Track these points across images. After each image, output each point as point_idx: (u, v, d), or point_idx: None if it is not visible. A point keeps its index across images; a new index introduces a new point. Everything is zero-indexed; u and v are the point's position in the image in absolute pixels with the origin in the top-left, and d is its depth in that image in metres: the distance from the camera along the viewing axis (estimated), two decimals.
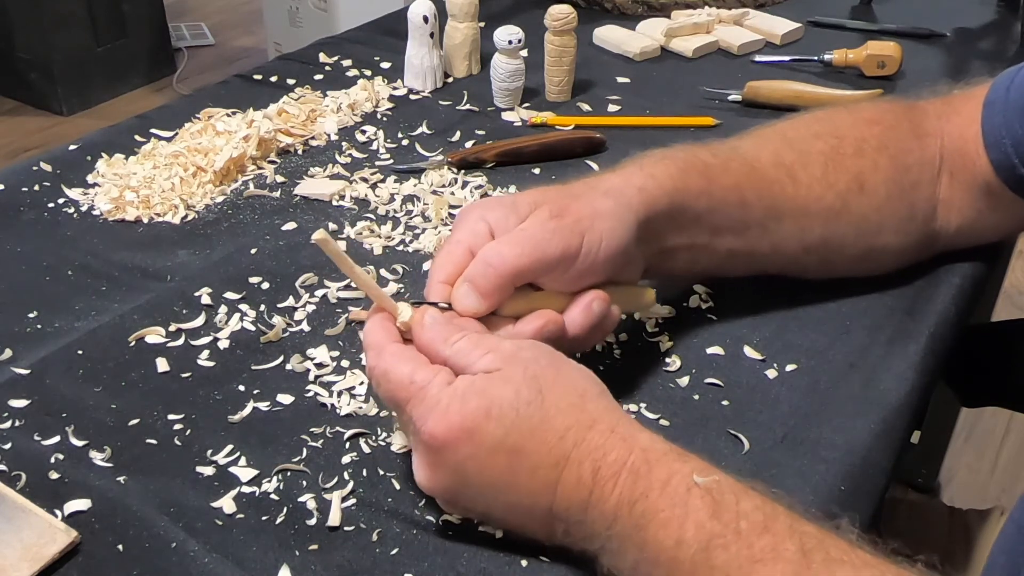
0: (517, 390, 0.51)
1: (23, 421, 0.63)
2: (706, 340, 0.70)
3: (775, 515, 0.48)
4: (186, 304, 0.74)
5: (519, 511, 0.53)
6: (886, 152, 0.72)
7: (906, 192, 0.72)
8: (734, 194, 0.67)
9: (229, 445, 0.62)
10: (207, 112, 0.97)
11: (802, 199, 0.69)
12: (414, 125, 1.00)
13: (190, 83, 3.10)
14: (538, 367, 0.53)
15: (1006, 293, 1.92)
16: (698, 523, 0.48)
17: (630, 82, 1.10)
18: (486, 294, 0.58)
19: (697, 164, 0.66)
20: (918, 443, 1.57)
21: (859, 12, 1.29)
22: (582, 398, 0.53)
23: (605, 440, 0.51)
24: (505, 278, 0.58)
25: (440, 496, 0.55)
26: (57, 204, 0.87)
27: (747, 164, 0.69)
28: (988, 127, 0.71)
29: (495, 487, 0.52)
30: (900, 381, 0.67)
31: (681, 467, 0.50)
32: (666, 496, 0.49)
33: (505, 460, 0.51)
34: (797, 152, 0.70)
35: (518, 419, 0.51)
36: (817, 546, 0.47)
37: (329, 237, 0.54)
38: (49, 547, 0.53)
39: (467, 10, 1.07)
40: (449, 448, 0.51)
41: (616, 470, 0.50)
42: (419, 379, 0.52)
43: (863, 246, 0.72)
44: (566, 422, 0.51)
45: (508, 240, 0.58)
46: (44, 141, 2.75)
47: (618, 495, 0.49)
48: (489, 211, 0.60)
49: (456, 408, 0.51)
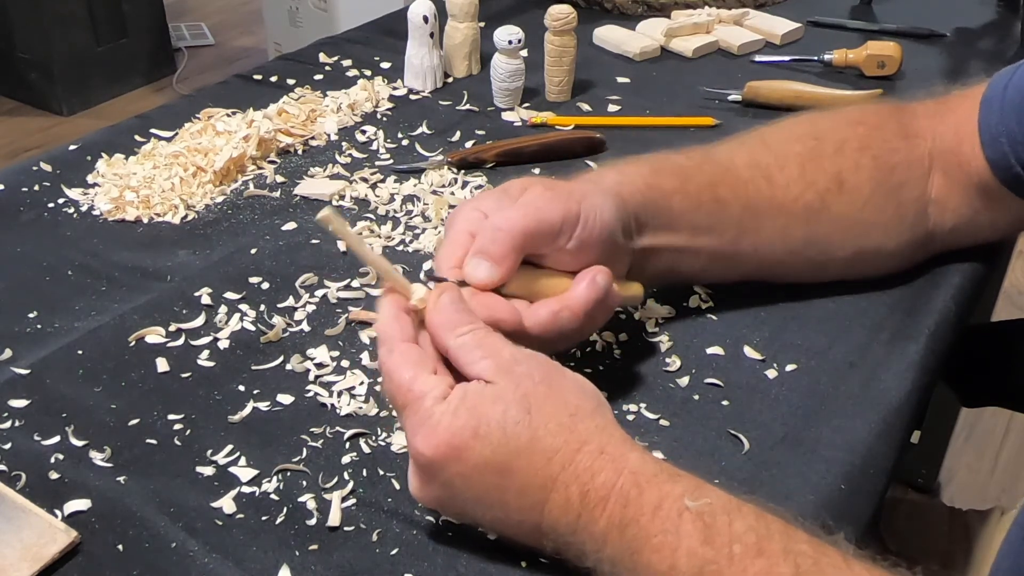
0: (506, 409, 0.51)
1: (23, 421, 0.63)
2: (706, 340, 0.70)
3: (769, 535, 0.48)
4: (186, 304, 0.74)
5: (509, 525, 0.53)
6: (868, 152, 0.72)
7: (892, 192, 0.72)
8: (708, 192, 0.67)
9: (229, 445, 0.62)
10: (207, 112, 0.97)
11: (779, 199, 0.69)
12: (414, 125, 1.00)
13: (190, 83, 3.09)
14: (530, 384, 0.52)
15: (1006, 293, 1.92)
16: (690, 550, 0.47)
17: (630, 82, 1.10)
18: (498, 259, 0.58)
19: (669, 166, 0.68)
20: (918, 443, 1.57)
21: (859, 12, 1.29)
22: (572, 418, 0.52)
23: (593, 462, 0.50)
24: (515, 239, 0.58)
25: (431, 507, 0.56)
26: (57, 204, 0.87)
27: (721, 166, 0.69)
28: (985, 125, 0.71)
29: (484, 504, 0.52)
30: (900, 381, 0.67)
31: (672, 489, 0.49)
32: (657, 521, 0.48)
33: (493, 479, 0.51)
34: (774, 154, 0.71)
35: (505, 439, 0.50)
36: (812, 567, 0.46)
37: (333, 214, 0.54)
38: (49, 547, 0.53)
39: (467, 10, 1.07)
40: (436, 465, 0.51)
41: (604, 494, 0.49)
42: (417, 388, 0.52)
43: (852, 247, 0.72)
44: (554, 443, 0.51)
45: (511, 208, 0.59)
46: (44, 141, 2.75)
47: (607, 519, 0.49)
48: (482, 201, 0.62)
49: (445, 425, 0.51)
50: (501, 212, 0.59)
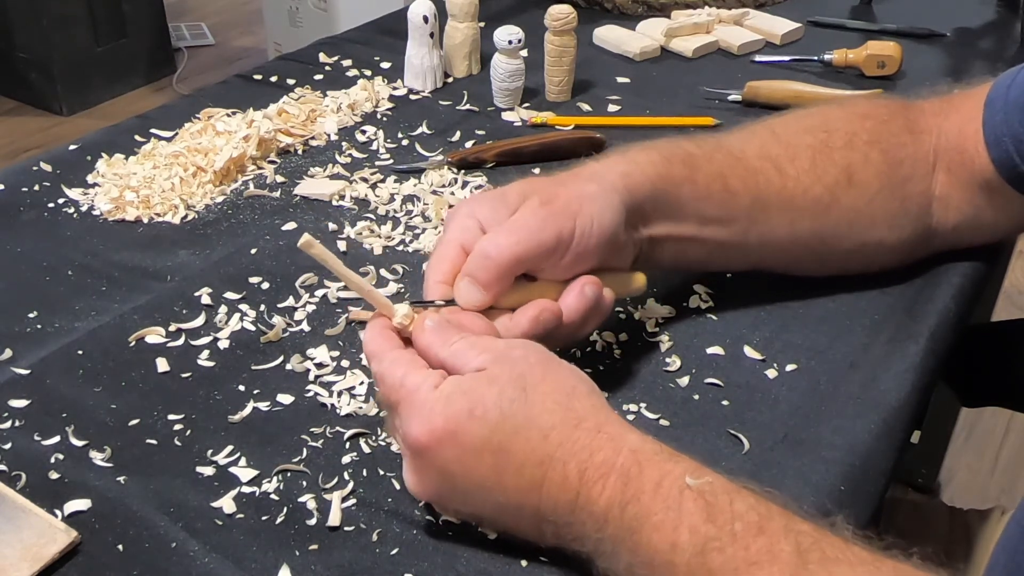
0: (501, 389, 0.51)
1: (23, 421, 0.63)
2: (706, 340, 0.70)
3: (770, 515, 0.48)
4: (186, 304, 0.74)
5: (508, 512, 0.52)
6: (877, 146, 0.72)
7: (898, 186, 0.72)
8: (718, 182, 0.67)
9: (229, 445, 0.62)
10: (207, 112, 0.97)
11: (789, 191, 0.69)
12: (414, 125, 1.00)
13: (190, 83, 3.09)
14: (526, 365, 0.53)
15: (1006, 293, 1.92)
16: (692, 527, 0.48)
17: (630, 82, 1.10)
18: (487, 285, 0.58)
19: (680, 153, 0.67)
20: (918, 443, 1.57)
21: (859, 12, 1.29)
22: (569, 396, 0.52)
23: (592, 440, 0.50)
24: (504, 267, 0.58)
25: (430, 500, 0.55)
26: (57, 204, 0.87)
27: (732, 155, 0.69)
28: (989, 125, 0.71)
29: (482, 488, 0.52)
30: (900, 381, 0.67)
31: (673, 468, 0.50)
32: (659, 499, 0.48)
33: (490, 460, 0.51)
34: (784, 145, 0.71)
35: (502, 418, 0.51)
36: (813, 545, 0.47)
37: (314, 241, 0.54)
38: (49, 547, 0.53)
39: (467, 10, 1.07)
40: (432, 451, 0.51)
41: (604, 471, 0.49)
42: (409, 383, 0.52)
43: (856, 240, 0.72)
44: (551, 420, 0.51)
45: (503, 231, 0.59)
46: (44, 141, 2.75)
47: (608, 497, 0.49)
48: (478, 207, 0.61)
49: (439, 410, 0.51)
50: (493, 234, 0.59)
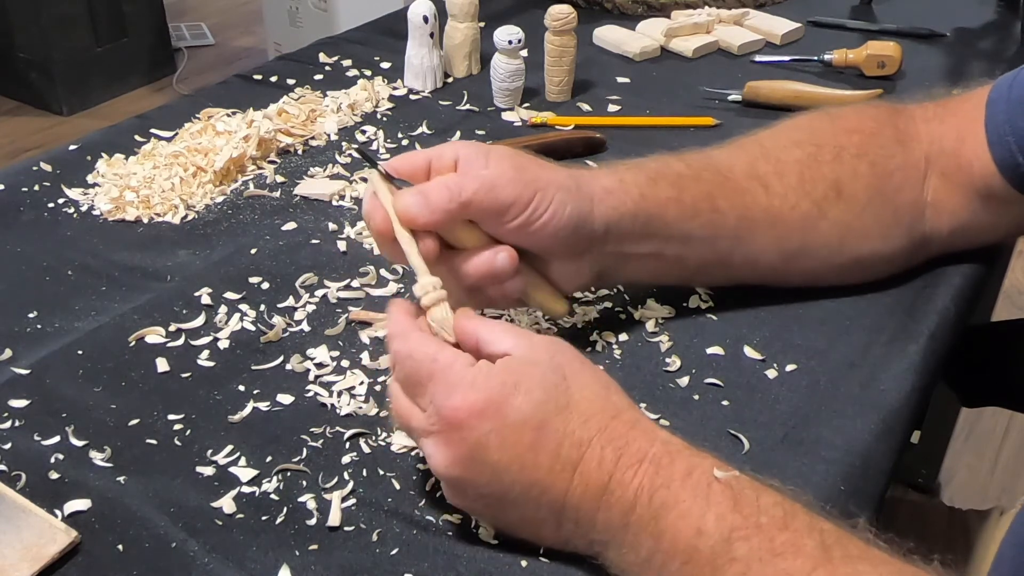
0: (544, 372, 0.53)
1: (23, 421, 0.63)
2: (706, 340, 0.70)
3: (794, 512, 0.49)
4: (186, 304, 0.74)
5: (531, 496, 0.52)
6: (866, 159, 0.72)
7: (889, 197, 0.72)
8: (706, 203, 0.68)
9: (229, 445, 0.62)
10: (207, 112, 0.97)
11: (776, 208, 0.69)
12: (414, 125, 1.00)
13: (190, 83, 3.10)
14: (563, 357, 0.54)
15: (1006, 293, 1.92)
16: (719, 515, 0.49)
17: (630, 82, 1.10)
18: (435, 210, 0.59)
19: (668, 174, 0.68)
20: (918, 443, 1.57)
21: (859, 12, 1.29)
22: (607, 389, 0.54)
23: (628, 431, 0.52)
24: (455, 203, 0.59)
25: (453, 479, 0.53)
26: (57, 204, 0.87)
27: (720, 174, 0.69)
28: (991, 125, 0.71)
29: (515, 464, 0.51)
30: (900, 381, 0.67)
31: (701, 462, 0.51)
32: (688, 487, 0.50)
33: (530, 436, 0.51)
34: (773, 161, 0.71)
35: (546, 397, 0.52)
36: (836, 543, 0.48)
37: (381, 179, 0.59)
38: (49, 547, 0.53)
39: (467, 10, 1.07)
40: (471, 423, 0.51)
41: (639, 459, 0.51)
42: (443, 358, 0.53)
43: (850, 255, 0.72)
44: (591, 408, 0.52)
45: (469, 176, 0.61)
46: (44, 141, 2.75)
47: (638, 483, 0.50)
48: (464, 147, 0.63)
49: (482, 383, 0.52)
50: (460, 176, 0.61)
